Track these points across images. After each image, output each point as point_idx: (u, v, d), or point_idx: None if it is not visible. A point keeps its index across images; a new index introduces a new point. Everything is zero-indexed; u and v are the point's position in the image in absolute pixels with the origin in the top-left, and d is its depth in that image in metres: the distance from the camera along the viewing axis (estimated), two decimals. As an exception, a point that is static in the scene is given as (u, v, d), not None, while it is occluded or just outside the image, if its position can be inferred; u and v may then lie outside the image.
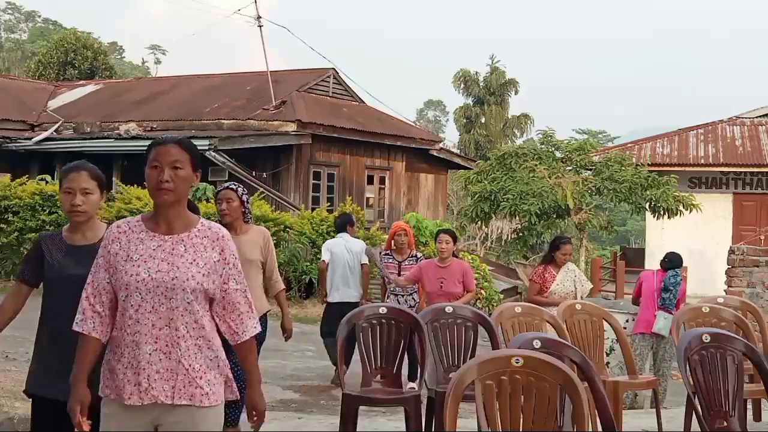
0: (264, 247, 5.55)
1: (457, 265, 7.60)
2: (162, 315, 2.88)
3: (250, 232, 5.54)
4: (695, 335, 4.23)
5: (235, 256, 3.04)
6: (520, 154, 19.81)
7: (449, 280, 7.46)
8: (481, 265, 16.04)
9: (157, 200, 2.97)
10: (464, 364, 3.34)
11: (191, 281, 2.90)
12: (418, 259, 8.62)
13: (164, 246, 2.95)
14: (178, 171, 2.97)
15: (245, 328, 3.03)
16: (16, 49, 58.81)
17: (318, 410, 7.53)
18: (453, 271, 7.51)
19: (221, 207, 5.43)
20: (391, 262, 8.73)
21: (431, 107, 71.89)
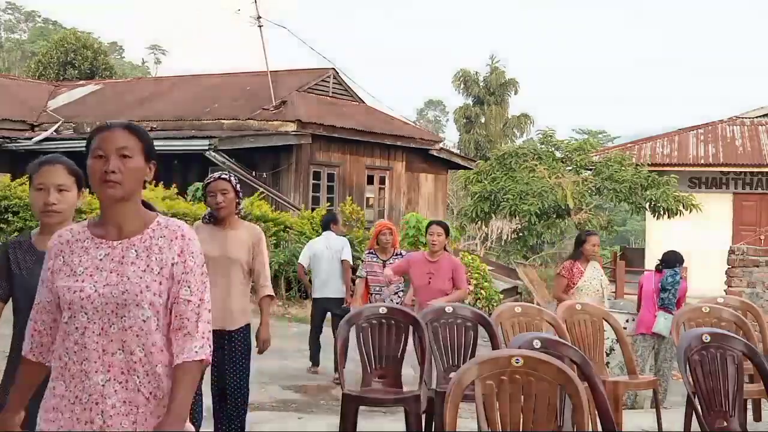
0: (253, 247, 5.01)
1: (447, 261, 7.11)
2: (113, 337, 2.40)
3: (241, 229, 5.04)
4: (695, 335, 4.23)
5: (197, 262, 2.53)
6: (520, 154, 19.82)
7: (438, 276, 7.00)
8: (481, 265, 16.04)
9: (102, 196, 2.49)
10: (464, 364, 3.34)
11: (146, 293, 2.43)
12: (400, 256, 8.44)
13: (113, 254, 2.47)
14: (127, 160, 2.48)
15: (184, 349, 2.45)
16: (16, 49, 58.83)
17: (318, 410, 7.53)
18: (443, 267, 7.04)
19: (217, 200, 4.92)
20: (375, 261, 8.56)
21: (431, 107, 71.89)
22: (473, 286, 15.37)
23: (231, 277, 4.92)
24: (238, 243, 4.95)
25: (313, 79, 21.73)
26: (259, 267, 5.03)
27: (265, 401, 7.68)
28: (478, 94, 46.98)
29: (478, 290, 15.40)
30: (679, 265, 8.37)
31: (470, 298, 15.11)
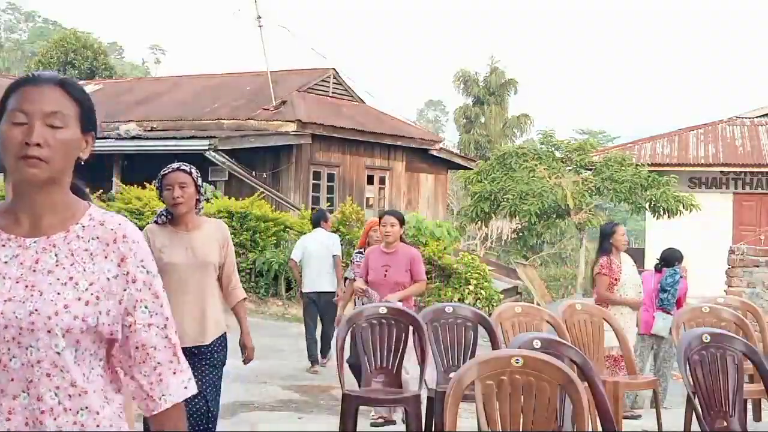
0: (223, 245, 4.39)
1: (404, 252, 6.68)
2: (15, 375, 1.71)
3: (205, 227, 4.36)
4: (695, 335, 4.23)
5: (148, 270, 1.86)
6: (520, 154, 19.82)
7: (395, 268, 6.60)
8: (481, 265, 16.04)
9: (20, 175, 1.78)
10: (464, 364, 3.34)
11: (63, 315, 1.72)
12: None
13: (23, 256, 1.77)
14: (57, 131, 1.80)
15: (165, 389, 1.85)
16: (16, 49, 58.86)
17: (318, 410, 7.53)
18: (399, 258, 6.62)
19: (174, 194, 4.25)
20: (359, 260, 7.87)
21: (431, 107, 71.92)
22: (473, 286, 15.38)
23: (205, 285, 4.30)
24: (207, 244, 4.30)
25: (313, 79, 21.74)
26: (230, 268, 4.43)
27: (265, 401, 7.68)
28: (478, 94, 46.97)
29: (478, 290, 15.40)
30: (678, 263, 8.31)
31: (470, 298, 15.12)
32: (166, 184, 4.35)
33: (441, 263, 15.48)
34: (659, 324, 8.00)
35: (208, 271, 4.28)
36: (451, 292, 15.10)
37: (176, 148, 18.19)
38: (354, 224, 15.80)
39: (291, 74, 22.20)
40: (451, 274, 15.50)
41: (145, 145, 18.62)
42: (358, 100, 23.02)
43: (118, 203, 15.81)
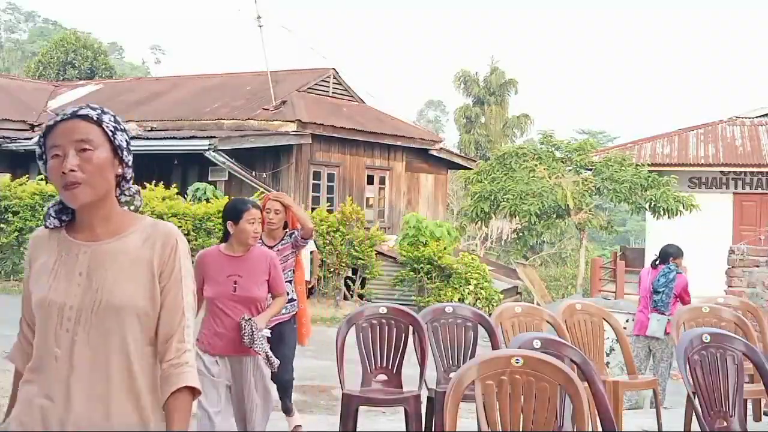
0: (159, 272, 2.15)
1: (259, 254, 4.84)
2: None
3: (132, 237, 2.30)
4: (695, 335, 4.23)
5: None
6: (520, 154, 19.84)
7: (248, 278, 4.72)
8: (481, 265, 16.05)
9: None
10: (464, 364, 3.34)
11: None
12: (293, 236, 5.77)
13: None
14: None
15: None
16: (16, 49, 58.88)
17: (318, 410, 7.53)
18: (253, 265, 4.77)
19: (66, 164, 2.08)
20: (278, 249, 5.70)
21: (431, 107, 71.93)
22: (473, 286, 15.37)
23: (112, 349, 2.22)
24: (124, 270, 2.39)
25: (313, 79, 21.74)
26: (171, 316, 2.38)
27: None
28: (478, 94, 47.00)
29: (478, 290, 15.40)
30: (674, 258, 8.21)
31: (470, 298, 15.12)
32: (50, 145, 2.22)
33: (441, 263, 15.49)
34: (653, 326, 7.98)
35: (120, 319, 2.16)
36: (451, 292, 15.11)
37: (176, 148, 18.21)
38: (354, 224, 15.81)
39: (291, 74, 22.21)
40: (451, 274, 15.51)
41: (145, 145, 18.63)
42: (358, 100, 23.03)
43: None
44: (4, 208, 16.12)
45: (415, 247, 15.84)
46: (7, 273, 15.97)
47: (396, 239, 17.23)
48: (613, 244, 37.56)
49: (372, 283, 16.06)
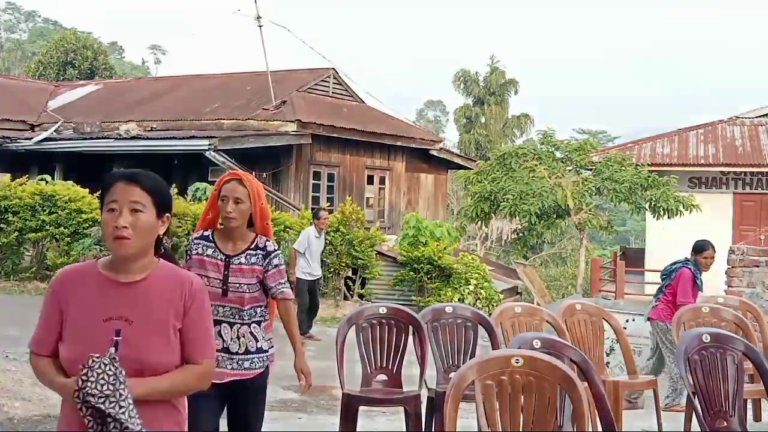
0: None
1: (171, 280, 2.61)
2: None
3: None
4: (695, 335, 4.23)
5: None
6: (520, 154, 19.83)
7: (143, 327, 2.51)
8: (481, 265, 16.04)
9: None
10: (464, 364, 3.34)
11: None
12: (271, 255, 3.99)
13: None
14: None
15: None
16: (16, 49, 58.87)
17: (318, 410, 7.53)
18: (157, 300, 2.55)
19: None
20: (207, 255, 3.96)
21: (431, 107, 71.92)
22: (473, 286, 15.37)
23: None
24: None
25: (313, 79, 21.74)
26: None
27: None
28: (478, 94, 47.01)
29: (478, 290, 15.40)
30: (694, 253, 8.16)
31: (470, 298, 15.12)
32: None
33: (441, 263, 15.49)
34: None
35: None
36: (451, 292, 15.09)
37: (176, 148, 18.20)
38: (354, 224, 15.80)
39: (291, 74, 22.20)
40: (451, 274, 15.50)
41: (145, 145, 18.62)
42: (358, 100, 23.02)
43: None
44: (4, 208, 16.10)
45: (415, 247, 15.83)
46: (7, 273, 15.95)
47: (396, 239, 17.22)
48: (613, 244, 37.57)
49: (372, 283, 16.06)
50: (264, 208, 4.00)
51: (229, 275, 3.92)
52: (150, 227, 2.56)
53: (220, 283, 3.92)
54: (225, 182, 4.00)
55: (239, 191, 3.94)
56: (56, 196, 15.93)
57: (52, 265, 15.31)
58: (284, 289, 4.03)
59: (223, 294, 3.91)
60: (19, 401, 6.32)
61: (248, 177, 4.02)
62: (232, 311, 3.95)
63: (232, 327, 3.95)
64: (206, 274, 3.91)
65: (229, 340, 3.94)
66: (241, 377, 3.96)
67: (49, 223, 15.69)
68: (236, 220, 3.93)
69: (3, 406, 6.20)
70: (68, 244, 15.55)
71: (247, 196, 3.94)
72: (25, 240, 16.10)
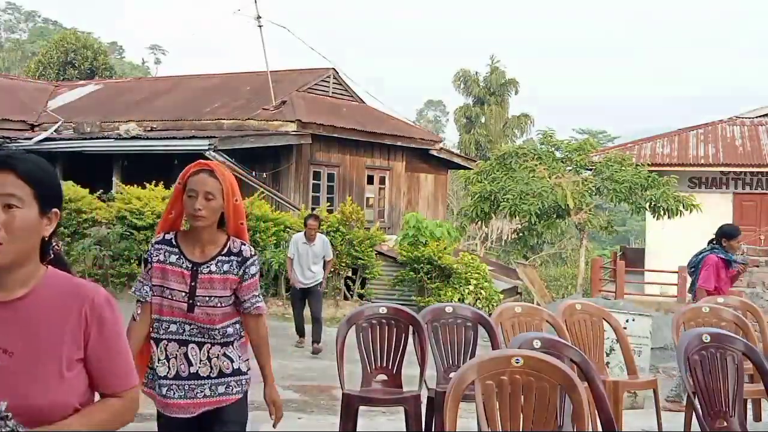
0: None
1: (63, 299, 2.01)
2: None
3: None
4: (695, 335, 4.23)
5: None
6: (520, 154, 19.84)
7: (28, 358, 1.93)
8: (481, 265, 16.04)
9: None
10: (464, 364, 3.34)
11: None
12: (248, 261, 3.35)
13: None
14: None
15: None
16: (16, 49, 58.88)
17: (318, 410, 7.53)
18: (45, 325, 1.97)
19: None
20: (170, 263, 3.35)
21: (431, 107, 71.94)
22: (473, 286, 15.37)
23: None
24: None
25: (313, 79, 21.74)
26: None
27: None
28: (478, 94, 47.02)
29: (478, 290, 15.40)
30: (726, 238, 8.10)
31: (470, 298, 15.12)
32: None
33: (441, 263, 15.49)
34: None
35: None
36: (451, 292, 15.10)
37: (176, 148, 18.20)
38: (354, 224, 15.80)
39: (291, 74, 22.21)
40: (451, 274, 15.50)
41: (145, 145, 18.62)
42: (358, 100, 23.02)
43: (118, 203, 15.80)
44: (4, 208, 16.12)
45: (415, 247, 15.84)
46: (7, 273, 15.97)
47: (396, 239, 17.22)
48: (613, 244, 37.58)
49: (372, 283, 16.06)
50: (239, 205, 3.34)
51: (197, 286, 3.27)
52: (30, 227, 1.95)
53: (186, 297, 3.28)
54: (192, 173, 3.30)
55: (210, 185, 3.26)
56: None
57: (52, 265, 15.30)
58: (259, 303, 3.40)
59: (189, 309, 3.28)
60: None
61: (220, 168, 3.33)
62: (201, 330, 3.31)
63: (201, 348, 3.32)
64: (169, 285, 3.28)
65: (197, 363, 3.31)
66: (217, 405, 3.33)
67: (49, 223, 15.68)
68: (205, 220, 3.24)
69: (3, 406, 6.20)
70: (68, 245, 15.55)
71: (220, 191, 3.27)
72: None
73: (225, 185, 3.29)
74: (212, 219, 3.26)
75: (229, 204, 3.29)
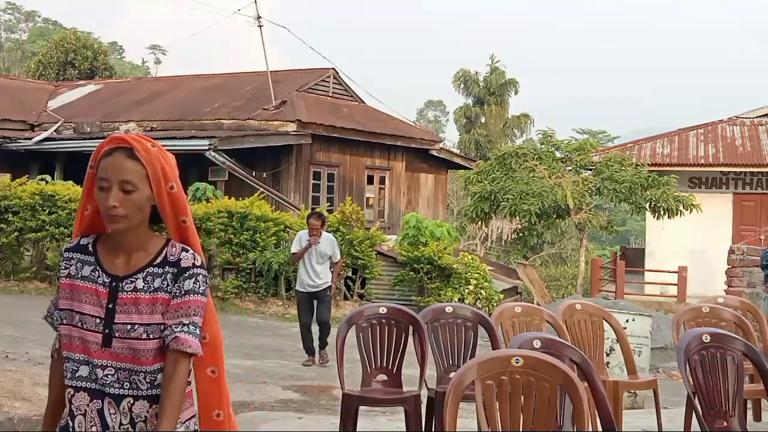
0: None
1: None
2: None
3: None
4: (695, 335, 4.23)
5: None
6: (520, 154, 19.83)
7: None
8: (481, 265, 16.04)
9: None
10: (464, 364, 3.34)
11: None
12: (185, 272, 2.38)
13: None
14: None
15: None
16: (16, 49, 58.87)
17: (318, 410, 7.53)
18: None
19: None
20: (83, 278, 2.40)
21: (431, 107, 71.92)
22: (473, 286, 15.37)
23: None
24: None
25: (313, 79, 21.74)
26: None
27: (265, 401, 7.68)
28: (478, 94, 47.01)
29: (478, 290, 15.40)
30: None
31: (470, 298, 15.12)
32: None
33: (441, 263, 15.49)
34: (763, 307, 7.74)
35: None
36: (451, 292, 15.10)
37: (176, 148, 18.18)
38: (354, 224, 15.80)
39: (291, 74, 22.22)
40: (451, 274, 15.51)
41: (145, 145, 18.60)
42: (358, 100, 23.03)
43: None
44: (4, 208, 16.10)
45: (415, 247, 15.84)
46: (7, 273, 15.96)
47: (396, 239, 17.23)
48: (613, 244, 37.57)
49: (372, 283, 16.06)
50: (176, 195, 2.37)
51: (116, 310, 2.31)
52: None
53: (101, 325, 2.31)
54: (105, 155, 2.35)
55: (128, 170, 2.31)
56: (56, 196, 15.93)
57: (52, 265, 15.31)
58: (185, 335, 2.28)
59: (105, 343, 2.31)
60: (19, 401, 6.32)
61: (144, 143, 2.35)
62: (121, 375, 2.31)
63: (120, 403, 2.32)
64: (80, 309, 2.34)
65: (116, 426, 2.31)
66: None
67: (49, 223, 15.69)
68: (126, 220, 2.31)
69: (3, 406, 6.21)
70: (68, 244, 15.56)
71: (144, 177, 2.32)
72: (25, 240, 16.10)
73: (151, 168, 2.33)
74: (136, 218, 2.33)
75: (162, 194, 2.35)
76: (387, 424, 6.73)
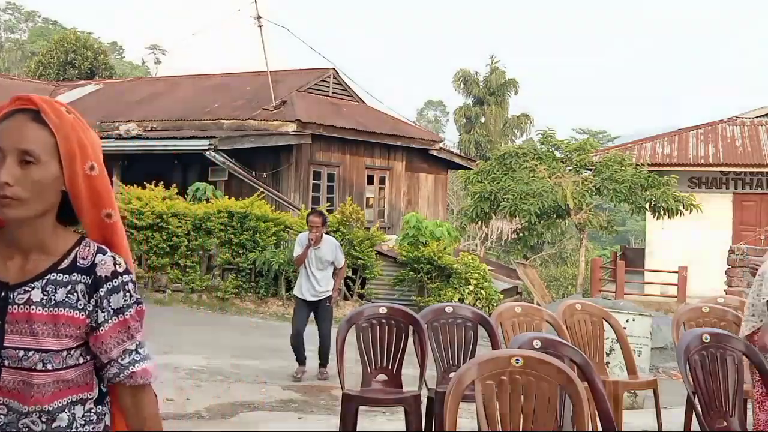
0: None
1: None
2: None
3: None
4: (695, 335, 4.23)
5: None
6: (520, 154, 19.82)
7: None
8: (481, 265, 16.04)
9: None
10: (464, 364, 3.34)
11: None
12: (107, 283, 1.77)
13: None
14: None
15: None
16: (16, 49, 58.84)
17: (318, 410, 7.53)
18: None
19: None
20: None
21: (431, 107, 71.91)
22: (473, 286, 15.37)
23: None
24: None
25: (313, 79, 21.74)
26: None
27: (265, 401, 7.68)
28: (478, 94, 47.02)
29: (478, 290, 15.40)
30: None
31: (470, 298, 15.12)
32: None
33: (441, 263, 15.49)
34: None
35: None
36: (451, 292, 15.10)
37: (176, 148, 18.21)
38: (354, 224, 15.80)
39: (291, 74, 22.21)
40: (451, 274, 15.51)
41: (145, 145, 18.62)
42: (358, 100, 23.02)
43: (118, 203, 15.79)
44: None
45: (415, 247, 15.84)
46: (7, 273, 15.96)
47: (396, 239, 17.23)
48: (613, 244, 37.57)
49: (372, 283, 16.06)
50: (98, 179, 1.79)
51: (5, 329, 1.73)
52: None
53: None
54: (3, 117, 1.76)
55: (29, 137, 1.73)
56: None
57: (52, 265, 15.29)
58: (138, 366, 1.80)
59: None
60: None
61: (54, 106, 1.78)
62: (11, 417, 1.74)
63: None
64: None
65: None
66: None
67: (49, 223, 15.67)
68: (20, 206, 1.72)
69: (3, 406, 6.19)
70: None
71: (52, 148, 1.74)
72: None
73: (63, 137, 1.75)
74: (36, 203, 1.73)
75: (76, 176, 1.76)
76: (387, 424, 6.73)
